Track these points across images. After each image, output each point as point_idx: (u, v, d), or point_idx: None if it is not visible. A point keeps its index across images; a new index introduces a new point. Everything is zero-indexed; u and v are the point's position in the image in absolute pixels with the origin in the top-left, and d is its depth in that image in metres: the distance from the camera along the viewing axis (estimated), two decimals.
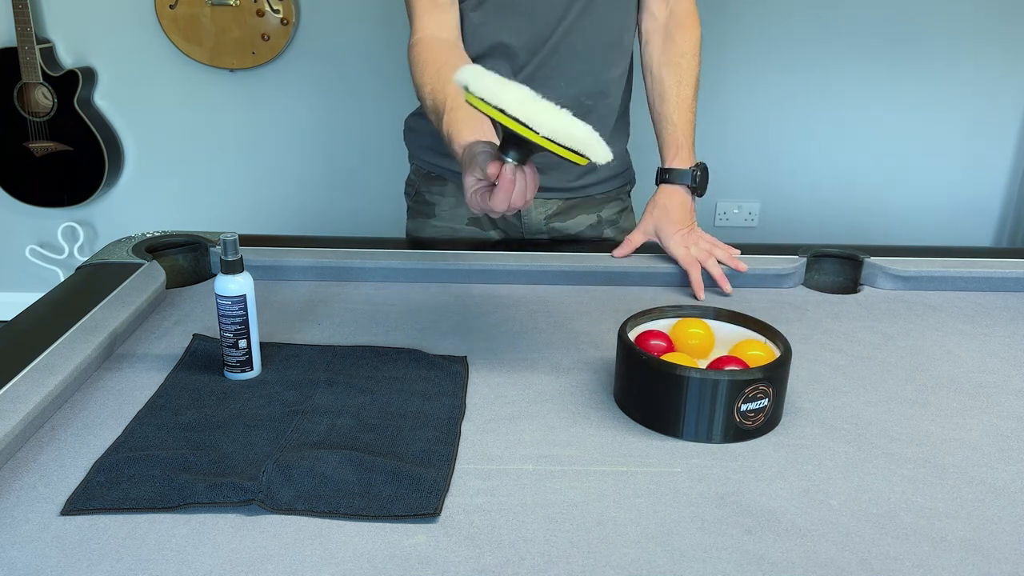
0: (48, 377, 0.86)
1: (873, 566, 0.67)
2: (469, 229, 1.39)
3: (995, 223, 3.01)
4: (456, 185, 1.37)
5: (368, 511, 0.71)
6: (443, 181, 1.38)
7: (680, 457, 0.81)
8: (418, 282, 1.24)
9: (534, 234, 1.40)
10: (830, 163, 2.92)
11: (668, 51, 1.31)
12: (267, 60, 2.74)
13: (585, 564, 0.66)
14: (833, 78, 2.80)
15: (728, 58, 2.78)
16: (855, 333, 1.10)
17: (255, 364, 0.94)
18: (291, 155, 2.94)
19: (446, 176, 1.37)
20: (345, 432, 0.83)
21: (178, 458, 0.78)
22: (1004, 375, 1.00)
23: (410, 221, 1.44)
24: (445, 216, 1.39)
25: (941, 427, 0.88)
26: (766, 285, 1.25)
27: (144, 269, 1.16)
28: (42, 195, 2.84)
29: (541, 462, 0.80)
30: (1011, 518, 0.74)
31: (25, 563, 0.65)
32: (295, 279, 1.23)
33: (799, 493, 0.76)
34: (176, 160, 2.94)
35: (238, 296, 0.91)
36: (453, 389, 0.93)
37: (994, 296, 1.24)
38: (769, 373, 0.83)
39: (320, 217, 3.02)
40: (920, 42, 2.76)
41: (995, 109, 2.85)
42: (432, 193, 1.39)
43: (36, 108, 2.71)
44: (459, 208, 1.38)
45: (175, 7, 2.66)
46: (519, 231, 1.40)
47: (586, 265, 1.24)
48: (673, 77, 1.30)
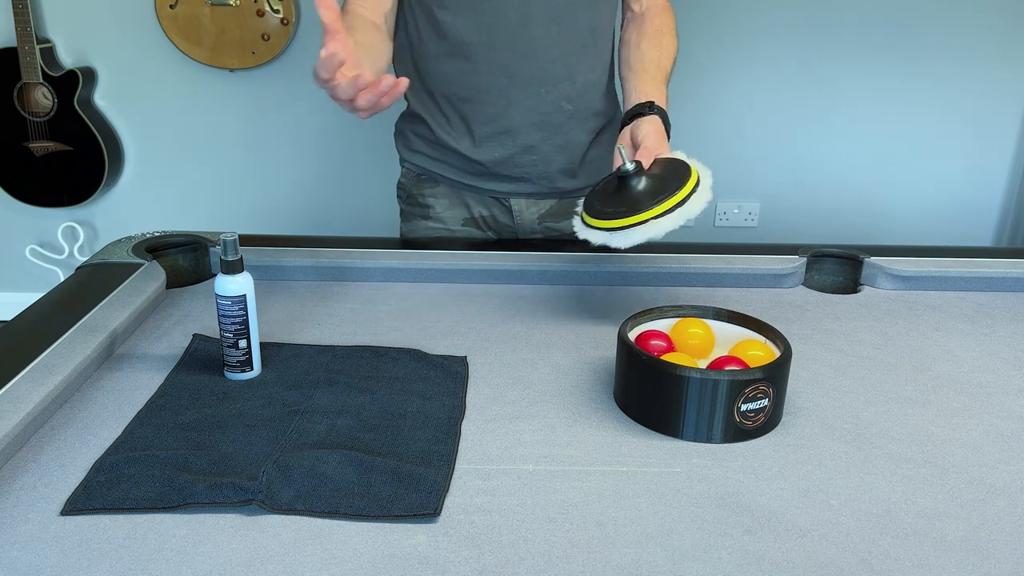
0: (48, 377, 0.86)
1: (873, 566, 0.67)
2: (465, 230, 1.39)
3: (995, 223, 3.01)
4: (448, 187, 1.37)
5: (368, 511, 0.71)
6: (435, 183, 1.38)
7: (680, 457, 0.81)
8: (418, 282, 1.24)
9: (528, 234, 1.40)
10: (830, 163, 2.92)
11: (645, 29, 1.28)
12: (267, 60, 2.74)
13: (585, 564, 0.67)
14: (833, 78, 2.80)
15: (728, 58, 2.78)
16: (855, 333, 1.10)
17: (255, 364, 0.94)
18: (291, 155, 2.94)
19: (438, 178, 1.37)
20: (345, 432, 0.83)
21: (178, 458, 0.78)
22: (1004, 375, 1.00)
23: (404, 224, 1.44)
24: (441, 217, 1.39)
25: (941, 427, 0.88)
26: (766, 285, 1.25)
27: (144, 269, 1.16)
28: (42, 195, 2.84)
29: (541, 462, 0.80)
30: (1011, 518, 0.74)
31: (25, 563, 0.65)
32: (295, 279, 1.23)
33: (799, 493, 0.76)
34: (176, 160, 2.94)
35: (238, 296, 0.91)
36: (453, 389, 0.93)
37: (994, 296, 1.24)
38: (769, 373, 0.83)
39: (320, 217, 3.02)
40: (920, 42, 2.76)
41: (995, 109, 2.85)
42: (425, 195, 1.39)
43: (36, 108, 2.71)
44: (454, 209, 1.38)
45: (175, 7, 2.66)
46: (513, 232, 1.40)
47: (586, 265, 1.24)
48: (654, 48, 1.25)
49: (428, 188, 1.39)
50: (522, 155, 1.31)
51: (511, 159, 1.31)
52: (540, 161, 1.31)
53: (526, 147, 1.30)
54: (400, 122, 1.41)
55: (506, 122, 1.28)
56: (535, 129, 1.29)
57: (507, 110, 1.27)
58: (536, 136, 1.29)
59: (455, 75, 1.26)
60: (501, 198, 1.36)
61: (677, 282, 1.25)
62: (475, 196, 1.37)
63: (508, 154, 1.30)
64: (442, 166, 1.35)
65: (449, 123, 1.31)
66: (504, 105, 1.26)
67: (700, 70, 2.79)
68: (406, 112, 1.38)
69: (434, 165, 1.36)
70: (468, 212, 1.38)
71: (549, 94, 1.26)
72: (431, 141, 1.34)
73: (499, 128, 1.28)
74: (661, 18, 1.29)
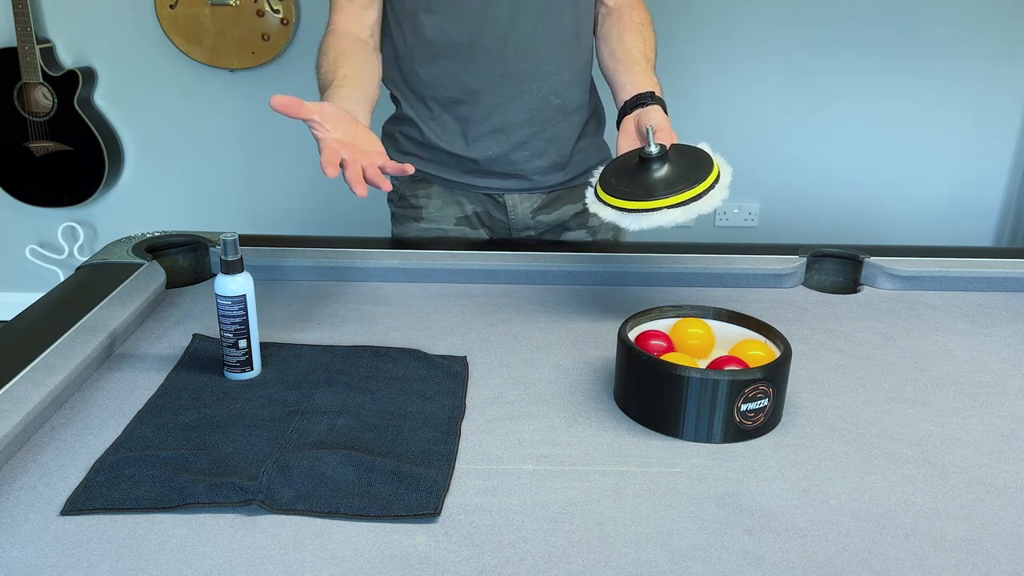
0: (48, 377, 0.86)
1: (873, 566, 0.67)
2: (458, 229, 1.40)
3: (995, 223, 3.01)
4: (441, 187, 1.37)
5: (368, 511, 0.71)
6: (427, 184, 1.38)
7: (680, 457, 0.81)
8: (418, 282, 1.24)
9: (521, 229, 1.40)
10: (830, 163, 2.92)
11: (625, 22, 1.29)
12: (267, 60, 2.74)
13: (585, 564, 0.67)
14: (833, 78, 2.80)
15: (728, 58, 2.78)
16: (855, 333, 1.10)
17: (255, 364, 0.94)
18: (291, 155, 2.94)
19: (430, 179, 1.37)
20: (345, 432, 0.83)
21: (178, 458, 0.78)
22: (1004, 375, 1.00)
23: (396, 226, 1.44)
24: (433, 217, 1.39)
25: (941, 427, 0.88)
26: (766, 285, 1.25)
27: (144, 269, 1.16)
28: (42, 195, 2.84)
29: (541, 462, 0.80)
30: (1011, 518, 0.74)
31: (25, 563, 0.65)
32: (295, 279, 1.23)
33: (799, 493, 0.76)
34: (176, 160, 2.94)
35: (238, 296, 0.91)
36: (453, 389, 0.93)
37: (994, 296, 1.24)
38: (769, 373, 0.83)
39: (320, 217, 3.02)
40: (920, 42, 2.76)
41: (995, 109, 2.85)
42: (418, 196, 1.39)
43: (36, 108, 2.71)
44: (446, 208, 1.38)
45: (175, 7, 2.66)
46: (506, 227, 1.40)
47: (586, 265, 1.24)
48: (638, 40, 1.25)
49: (421, 189, 1.39)
50: (515, 151, 1.31)
51: (504, 156, 1.32)
52: (532, 156, 1.32)
53: (519, 143, 1.31)
54: (388, 125, 1.40)
55: (499, 120, 1.28)
56: (527, 125, 1.30)
57: (500, 107, 1.27)
58: (528, 132, 1.30)
59: (445, 78, 1.26)
60: (495, 195, 1.37)
61: (677, 282, 1.25)
62: (468, 194, 1.38)
63: (502, 151, 1.31)
64: (435, 166, 1.35)
65: (441, 126, 1.31)
66: (497, 103, 1.27)
67: (700, 70, 2.79)
68: (395, 115, 1.38)
69: (426, 165, 1.36)
70: (461, 210, 1.39)
71: (540, 89, 1.28)
72: (421, 143, 1.34)
73: (492, 127, 1.29)
74: (639, 12, 1.30)
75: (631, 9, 1.30)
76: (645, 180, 0.98)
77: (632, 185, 0.98)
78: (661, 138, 1.03)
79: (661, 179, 0.97)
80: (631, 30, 1.27)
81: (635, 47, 1.25)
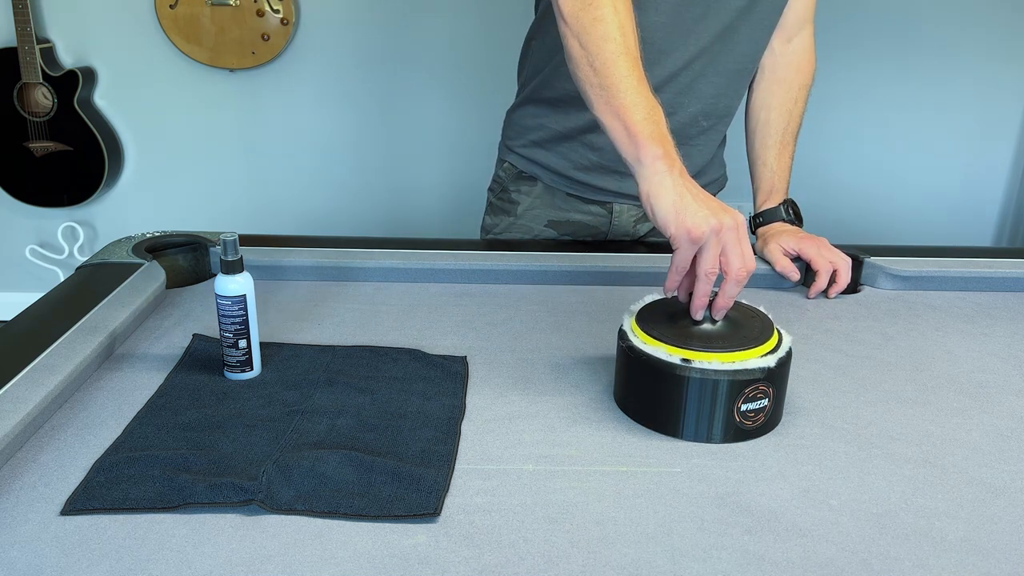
0: (48, 377, 0.86)
1: (873, 566, 0.67)
2: (547, 231, 1.40)
3: (995, 223, 3.01)
4: (545, 187, 1.37)
5: (368, 511, 0.71)
6: (533, 181, 1.38)
7: (680, 457, 0.81)
8: (418, 282, 1.24)
9: (620, 236, 1.42)
10: (830, 163, 2.92)
11: (778, 92, 1.32)
12: (267, 60, 2.75)
13: (585, 564, 0.66)
14: (833, 79, 2.80)
15: None
16: (855, 333, 1.10)
17: (255, 364, 0.94)
18: (291, 155, 2.94)
19: (538, 176, 1.37)
20: (345, 432, 0.83)
21: (178, 458, 0.78)
22: (1004, 375, 1.00)
23: (489, 217, 1.45)
24: (525, 216, 1.40)
25: (941, 427, 0.88)
26: (766, 285, 1.25)
27: (144, 269, 1.16)
28: (42, 195, 2.84)
29: (541, 462, 0.80)
30: (1011, 518, 0.74)
31: (25, 563, 0.65)
32: (295, 279, 1.23)
33: (799, 493, 0.76)
34: (176, 160, 2.94)
35: (238, 296, 0.91)
36: (453, 389, 0.93)
37: (994, 296, 1.24)
38: (769, 373, 0.83)
39: (320, 217, 3.02)
40: (921, 42, 2.76)
41: (995, 109, 2.85)
42: (520, 192, 1.40)
43: (36, 108, 2.71)
44: (538, 209, 1.39)
45: (175, 7, 2.66)
46: (605, 235, 1.41)
47: (586, 265, 1.24)
48: (781, 121, 1.31)
49: (525, 185, 1.39)
50: None
51: None
52: None
53: None
54: (516, 111, 1.38)
55: None
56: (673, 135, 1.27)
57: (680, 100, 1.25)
58: None
59: None
60: (602, 201, 1.37)
61: None
62: (569, 201, 1.37)
63: None
64: (544, 158, 1.34)
65: None
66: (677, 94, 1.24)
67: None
68: (524, 98, 1.35)
69: (546, 157, 1.34)
70: (556, 213, 1.38)
71: (691, 106, 1.27)
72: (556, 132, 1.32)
73: None
74: (798, 79, 1.31)
75: (796, 71, 1.31)
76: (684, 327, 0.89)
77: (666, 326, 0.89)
78: (838, 283, 1.19)
79: (704, 332, 0.88)
80: (777, 110, 1.31)
81: (774, 134, 1.31)
